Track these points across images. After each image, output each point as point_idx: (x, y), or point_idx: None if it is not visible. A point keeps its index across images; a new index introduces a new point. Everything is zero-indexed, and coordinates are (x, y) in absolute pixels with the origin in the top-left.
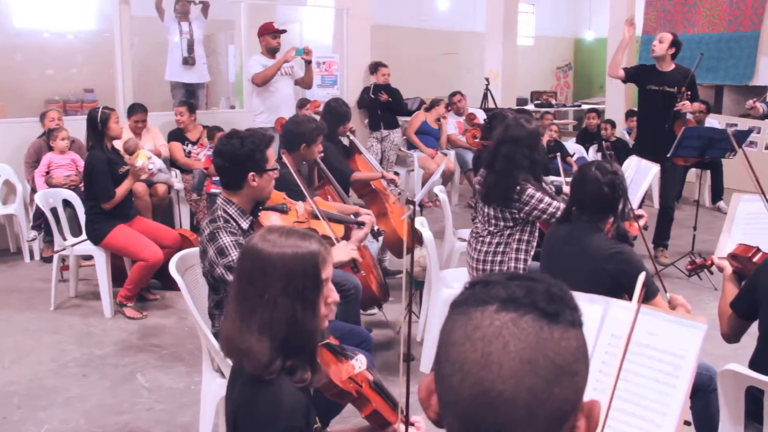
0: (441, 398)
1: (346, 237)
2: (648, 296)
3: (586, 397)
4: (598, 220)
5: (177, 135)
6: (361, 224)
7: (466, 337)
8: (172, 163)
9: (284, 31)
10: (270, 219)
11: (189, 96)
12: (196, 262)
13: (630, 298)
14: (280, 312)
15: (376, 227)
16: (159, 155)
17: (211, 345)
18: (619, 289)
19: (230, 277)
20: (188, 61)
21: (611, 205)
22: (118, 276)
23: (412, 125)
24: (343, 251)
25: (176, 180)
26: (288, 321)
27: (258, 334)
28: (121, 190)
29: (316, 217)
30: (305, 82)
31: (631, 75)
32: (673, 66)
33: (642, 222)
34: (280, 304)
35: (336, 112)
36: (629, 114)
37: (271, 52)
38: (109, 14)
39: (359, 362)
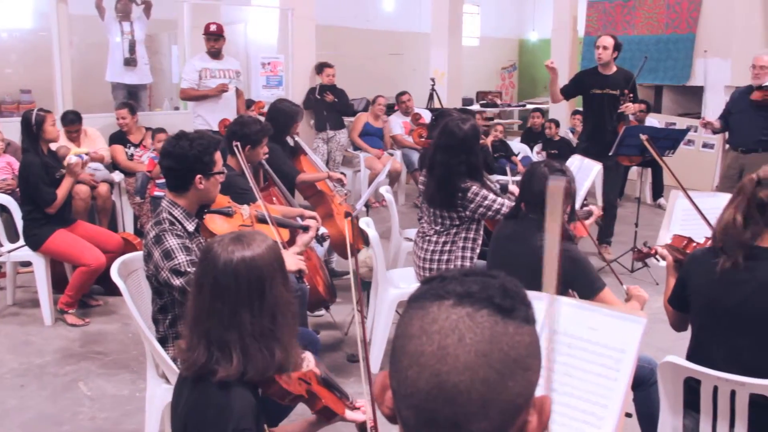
0: (396, 391)
1: (291, 241)
2: (595, 291)
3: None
4: (544, 218)
5: (119, 137)
6: (306, 228)
7: (422, 331)
8: (114, 166)
9: (217, 35)
10: (215, 222)
11: (131, 97)
12: (139, 266)
13: (577, 295)
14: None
15: (320, 232)
16: (101, 161)
17: (156, 351)
18: (565, 285)
19: (176, 281)
20: (130, 62)
21: None
22: (58, 282)
23: (355, 128)
24: (291, 261)
25: (115, 174)
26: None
27: (235, 344)
28: (62, 192)
29: (261, 221)
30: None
31: (572, 91)
32: (614, 69)
33: (593, 219)
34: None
35: (287, 111)
36: (574, 113)
37: (212, 54)
38: (45, 12)
39: (306, 361)
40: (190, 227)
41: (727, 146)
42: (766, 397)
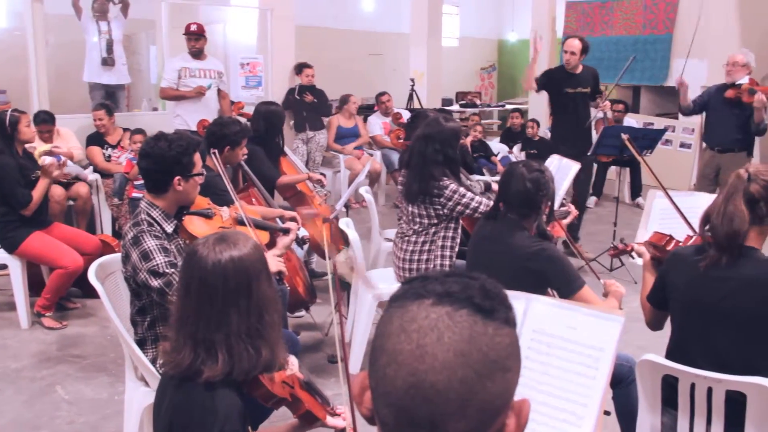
0: (375, 390)
1: (271, 244)
2: (574, 290)
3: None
4: (522, 218)
5: (96, 139)
6: (286, 231)
7: (401, 329)
8: (92, 167)
9: (198, 35)
10: (194, 223)
11: (108, 98)
12: (117, 268)
13: (555, 294)
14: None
15: (301, 234)
16: (71, 158)
17: (134, 353)
18: (544, 285)
19: (154, 283)
20: (107, 62)
21: (534, 203)
22: (35, 285)
23: (330, 134)
24: (271, 263)
25: (89, 172)
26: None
27: (222, 345)
28: (37, 194)
29: (241, 223)
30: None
31: (544, 84)
32: (581, 67)
33: (570, 219)
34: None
35: (278, 113)
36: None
37: (193, 54)
38: (20, 12)
39: (290, 364)
40: (169, 228)
41: (704, 145)
42: (742, 393)
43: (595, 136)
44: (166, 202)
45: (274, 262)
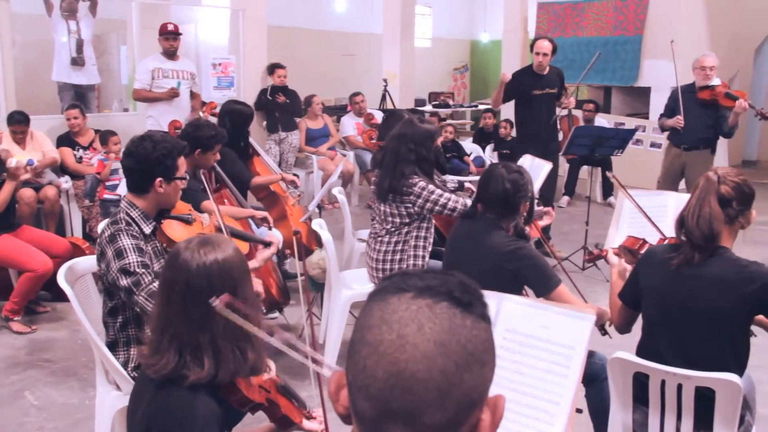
0: (353, 384)
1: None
2: (551, 288)
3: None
4: (500, 218)
5: (66, 140)
6: (267, 244)
7: (382, 320)
8: (62, 169)
9: (176, 34)
10: (173, 228)
11: (78, 98)
12: (87, 271)
13: (533, 293)
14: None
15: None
16: (54, 164)
17: (105, 357)
18: (520, 283)
19: (123, 281)
20: (77, 62)
21: (513, 204)
22: (3, 288)
23: (300, 137)
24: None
25: (64, 180)
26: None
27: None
28: (2, 196)
29: (221, 231)
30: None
31: (512, 94)
32: (548, 68)
33: (547, 220)
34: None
35: (243, 112)
36: None
37: (168, 54)
38: None
39: (268, 368)
40: (147, 230)
41: (668, 143)
42: (711, 389)
43: (560, 135)
44: (147, 203)
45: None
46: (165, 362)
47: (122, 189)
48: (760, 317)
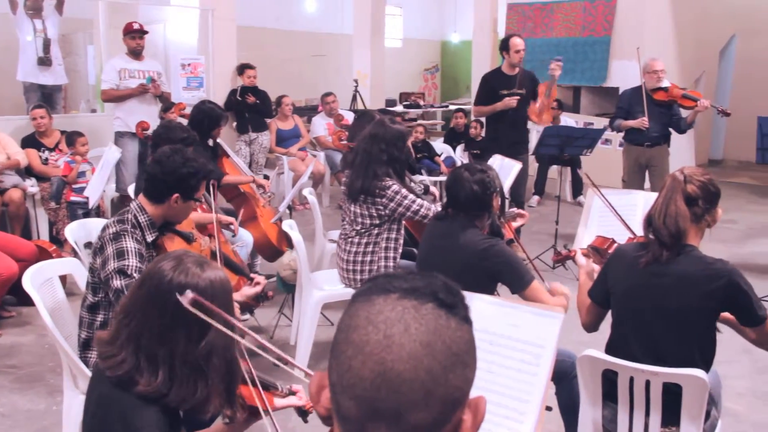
0: (337, 384)
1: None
2: (525, 284)
3: None
4: (473, 218)
5: (31, 141)
6: (251, 279)
7: (368, 321)
8: (27, 170)
9: (142, 33)
10: (173, 243)
11: (45, 99)
12: (54, 274)
13: (509, 289)
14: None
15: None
16: (17, 165)
17: (73, 362)
18: (494, 281)
19: (116, 282)
20: (44, 62)
21: (484, 203)
22: None
23: (271, 139)
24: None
25: (30, 184)
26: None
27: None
28: None
29: (214, 258)
30: (163, 101)
31: (487, 99)
32: (517, 69)
33: (521, 221)
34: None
35: (211, 115)
36: None
37: (134, 53)
38: None
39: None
40: (149, 238)
41: (625, 143)
42: (678, 385)
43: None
44: (157, 212)
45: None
46: (121, 361)
47: (89, 191)
48: (726, 314)
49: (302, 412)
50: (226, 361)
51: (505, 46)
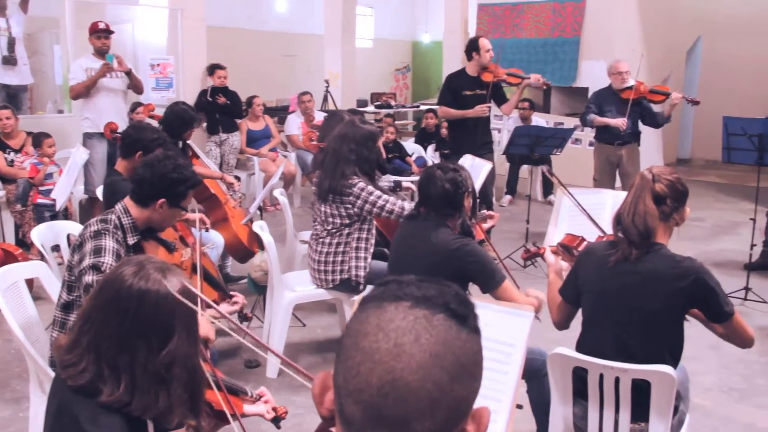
0: (343, 387)
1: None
2: (496, 283)
3: None
4: (445, 217)
5: None
6: (230, 297)
7: (379, 328)
8: None
9: (108, 32)
10: (153, 249)
11: (10, 99)
12: (19, 278)
13: (480, 289)
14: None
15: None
16: None
17: (40, 368)
18: (465, 281)
19: (88, 277)
20: (9, 61)
21: (455, 202)
22: None
23: (242, 139)
24: (203, 324)
25: None
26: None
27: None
28: None
29: (195, 272)
30: (134, 89)
31: (449, 97)
32: (487, 75)
33: (491, 222)
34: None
35: (183, 117)
36: None
37: (100, 53)
38: None
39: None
40: (131, 240)
41: (596, 142)
42: (647, 382)
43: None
44: (141, 216)
45: (207, 324)
46: (82, 370)
47: (56, 193)
48: (694, 311)
49: (275, 419)
50: (188, 370)
51: (474, 47)
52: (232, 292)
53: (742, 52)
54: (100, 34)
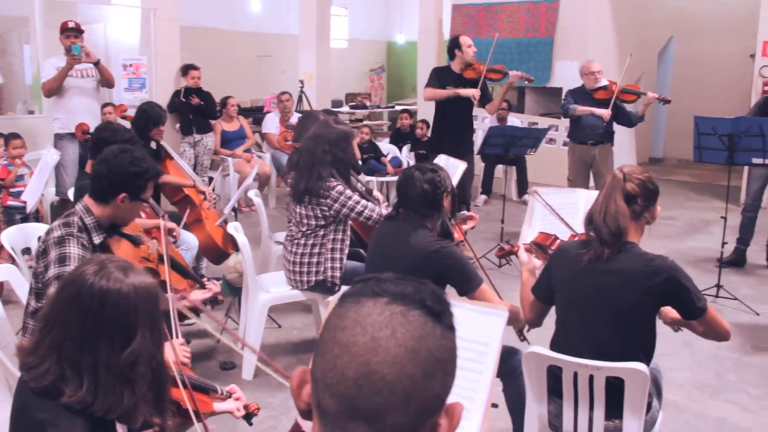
0: (320, 380)
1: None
2: (473, 287)
3: None
4: (423, 218)
5: None
6: (202, 285)
7: (356, 323)
8: None
9: (78, 32)
10: (120, 246)
11: None
12: None
13: (457, 291)
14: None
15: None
16: None
17: (9, 372)
18: (442, 283)
19: (53, 290)
20: None
21: (434, 202)
22: None
23: (216, 140)
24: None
25: None
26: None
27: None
28: None
29: (162, 262)
30: (104, 83)
31: (436, 85)
32: (471, 72)
33: (471, 224)
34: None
35: (148, 114)
36: None
37: (70, 50)
38: None
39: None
40: (97, 240)
41: (570, 142)
42: (621, 379)
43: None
44: (104, 213)
45: (174, 352)
46: (44, 371)
47: (26, 195)
48: (666, 308)
49: (246, 416)
50: (153, 369)
51: (456, 45)
52: (206, 280)
53: (713, 52)
54: (70, 33)
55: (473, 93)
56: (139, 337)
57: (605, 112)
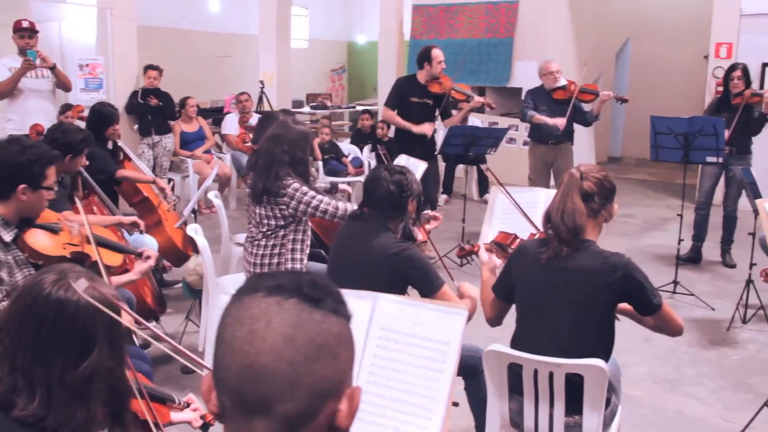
0: (216, 380)
1: (123, 266)
2: (435, 289)
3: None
4: (387, 219)
5: None
6: (139, 255)
7: (236, 319)
8: None
9: (32, 32)
10: (36, 237)
11: None
12: None
13: (419, 293)
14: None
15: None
16: None
17: None
18: (404, 284)
19: None
20: None
21: (399, 205)
22: None
23: (175, 141)
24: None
25: None
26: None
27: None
28: None
29: (88, 242)
30: (61, 87)
31: (397, 102)
32: (437, 86)
33: (434, 224)
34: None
35: (101, 114)
36: None
37: (24, 53)
38: None
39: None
40: (7, 237)
41: (530, 142)
42: (580, 375)
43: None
44: (8, 209)
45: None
46: None
47: None
48: (623, 305)
49: (203, 426)
50: (110, 385)
51: (427, 57)
52: (141, 249)
53: (668, 54)
54: (23, 33)
55: (427, 131)
56: (97, 352)
57: (559, 122)
